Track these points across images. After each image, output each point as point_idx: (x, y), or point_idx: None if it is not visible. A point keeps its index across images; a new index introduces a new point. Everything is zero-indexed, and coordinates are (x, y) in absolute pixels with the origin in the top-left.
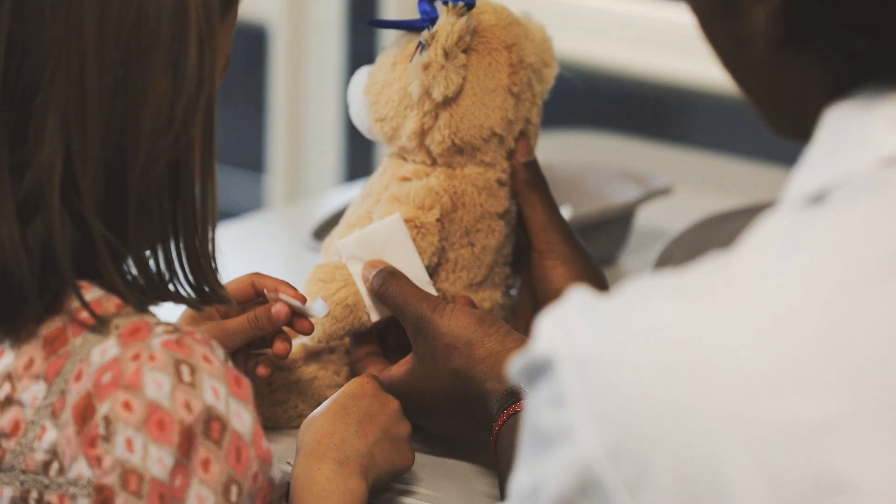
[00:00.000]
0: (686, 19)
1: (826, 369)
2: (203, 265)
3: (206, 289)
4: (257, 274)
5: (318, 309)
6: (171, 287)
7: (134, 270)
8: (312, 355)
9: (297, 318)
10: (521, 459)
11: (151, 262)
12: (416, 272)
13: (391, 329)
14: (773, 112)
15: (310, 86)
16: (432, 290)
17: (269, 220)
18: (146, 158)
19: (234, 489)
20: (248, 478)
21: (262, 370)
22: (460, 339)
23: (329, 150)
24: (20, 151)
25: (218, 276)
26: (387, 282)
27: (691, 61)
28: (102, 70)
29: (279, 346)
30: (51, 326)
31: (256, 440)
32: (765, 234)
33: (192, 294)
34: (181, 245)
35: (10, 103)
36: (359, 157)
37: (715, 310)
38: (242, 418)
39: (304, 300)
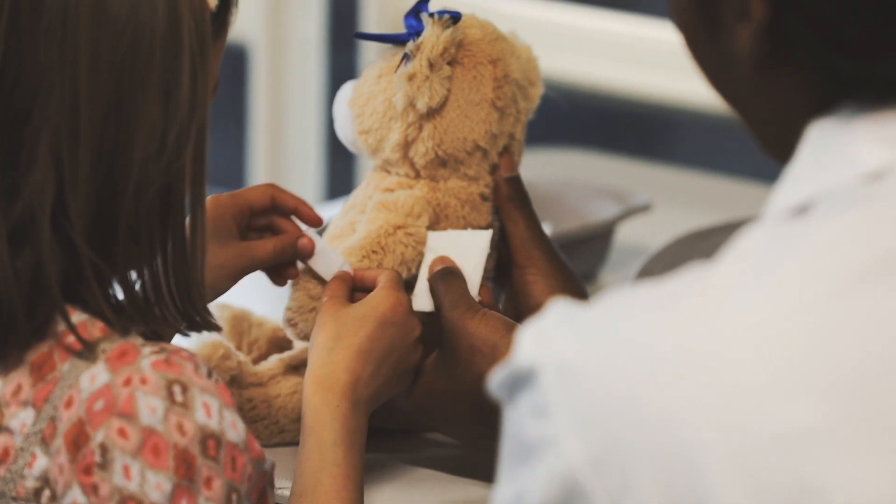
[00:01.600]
0: (667, 37)
1: (808, 378)
2: (192, 292)
3: (195, 315)
4: (275, 186)
5: (334, 264)
6: (157, 312)
7: (120, 295)
8: (291, 369)
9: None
10: (502, 472)
11: (139, 288)
12: (472, 283)
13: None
14: (758, 128)
15: (290, 104)
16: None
17: None
18: (137, 185)
19: (233, 497)
20: (244, 482)
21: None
22: (486, 342)
23: (310, 168)
24: (12, 176)
25: (206, 301)
26: (443, 277)
27: (672, 79)
28: (95, 96)
29: (306, 242)
30: (37, 352)
31: (250, 444)
32: (747, 245)
33: (180, 320)
34: (170, 271)
35: (3, 128)
36: (340, 175)
37: (698, 318)
38: (237, 427)
39: (320, 221)
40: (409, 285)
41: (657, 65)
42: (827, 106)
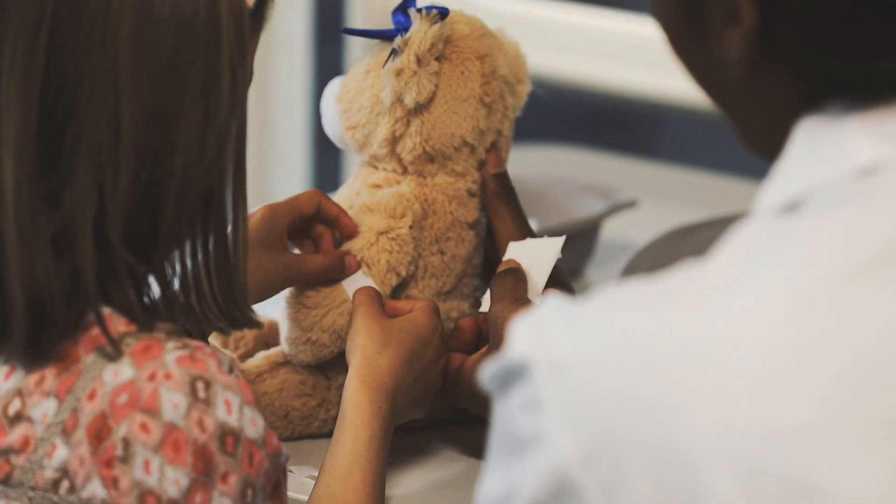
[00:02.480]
0: (653, 34)
1: (802, 375)
2: (234, 290)
3: (237, 312)
4: (321, 193)
5: (362, 284)
6: (198, 310)
7: (156, 294)
8: (278, 366)
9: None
10: (491, 465)
11: (180, 286)
12: (536, 284)
13: None
14: (745, 127)
15: (277, 100)
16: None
17: None
18: (178, 189)
19: (249, 492)
20: (260, 476)
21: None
22: None
23: (297, 164)
24: (55, 182)
25: (247, 299)
26: (499, 276)
27: (658, 76)
28: (137, 103)
29: (352, 261)
30: (62, 343)
31: (268, 440)
32: (740, 241)
33: (221, 318)
34: (212, 270)
35: (47, 135)
36: (327, 170)
37: (692, 315)
38: (256, 424)
39: (356, 231)
40: (402, 287)
41: (643, 61)
42: (815, 104)
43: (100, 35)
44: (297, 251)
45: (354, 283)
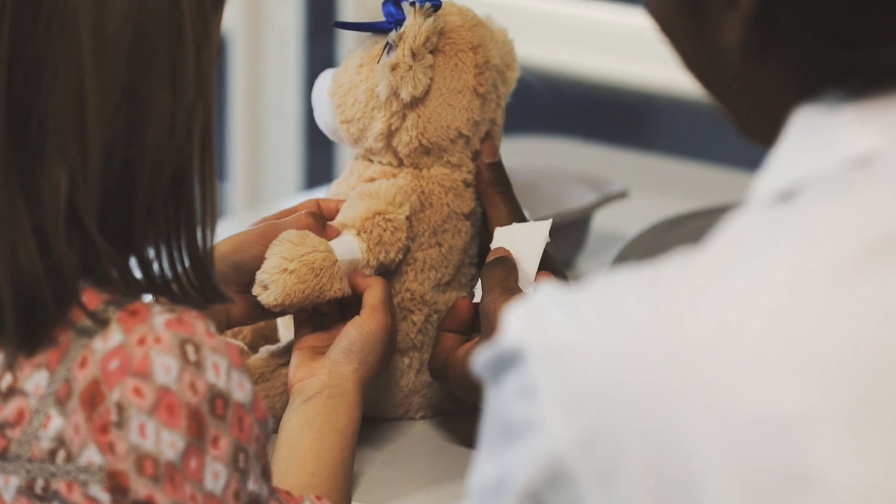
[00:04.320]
0: (644, 24)
1: (798, 362)
2: (206, 266)
3: (208, 288)
4: (319, 199)
5: (349, 250)
6: (175, 288)
7: (137, 274)
8: (280, 366)
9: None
10: (483, 453)
11: (157, 266)
12: (527, 271)
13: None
14: (740, 115)
15: (269, 93)
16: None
17: (229, 228)
18: (151, 169)
19: (241, 456)
20: (251, 442)
21: None
22: None
23: (289, 158)
24: (31, 173)
25: (214, 274)
26: (488, 266)
27: (650, 66)
28: (101, 87)
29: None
30: (54, 326)
31: (256, 405)
32: (735, 229)
33: (196, 294)
34: (183, 248)
35: (16, 125)
36: (319, 163)
37: (687, 301)
38: (244, 387)
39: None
40: (397, 278)
41: (634, 52)
42: (812, 92)
43: (59, 22)
44: None
45: (341, 245)
